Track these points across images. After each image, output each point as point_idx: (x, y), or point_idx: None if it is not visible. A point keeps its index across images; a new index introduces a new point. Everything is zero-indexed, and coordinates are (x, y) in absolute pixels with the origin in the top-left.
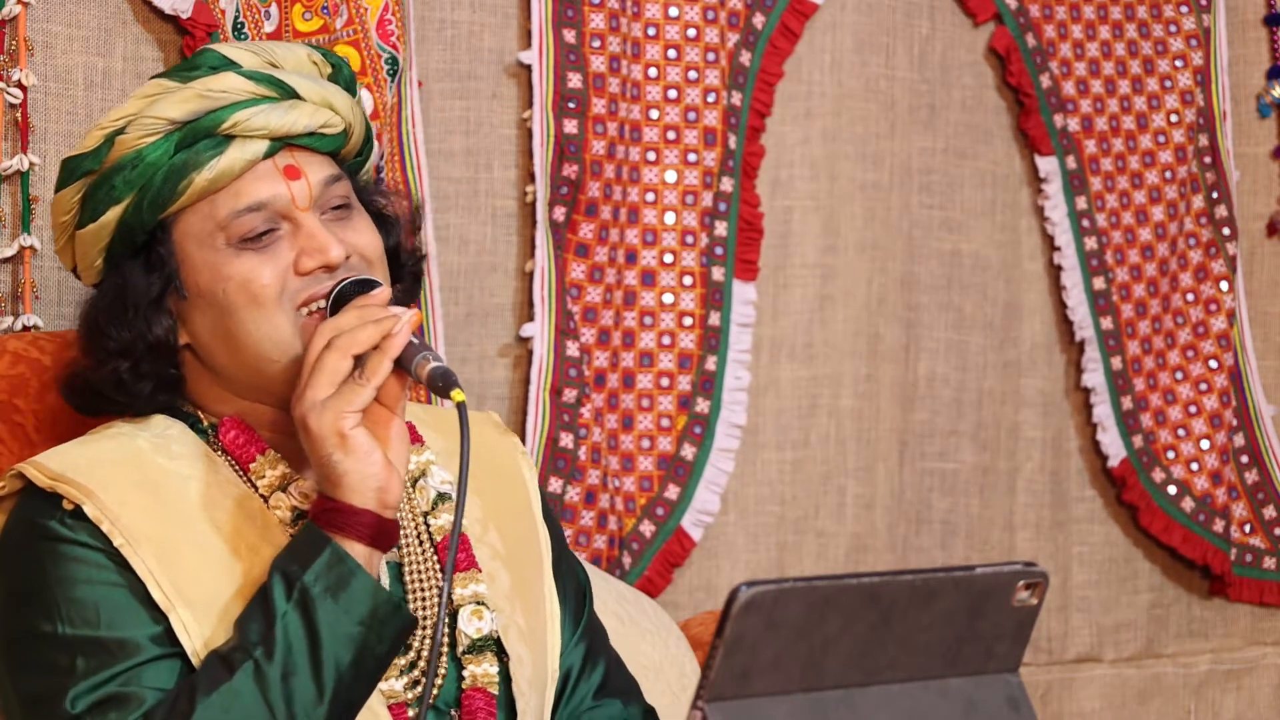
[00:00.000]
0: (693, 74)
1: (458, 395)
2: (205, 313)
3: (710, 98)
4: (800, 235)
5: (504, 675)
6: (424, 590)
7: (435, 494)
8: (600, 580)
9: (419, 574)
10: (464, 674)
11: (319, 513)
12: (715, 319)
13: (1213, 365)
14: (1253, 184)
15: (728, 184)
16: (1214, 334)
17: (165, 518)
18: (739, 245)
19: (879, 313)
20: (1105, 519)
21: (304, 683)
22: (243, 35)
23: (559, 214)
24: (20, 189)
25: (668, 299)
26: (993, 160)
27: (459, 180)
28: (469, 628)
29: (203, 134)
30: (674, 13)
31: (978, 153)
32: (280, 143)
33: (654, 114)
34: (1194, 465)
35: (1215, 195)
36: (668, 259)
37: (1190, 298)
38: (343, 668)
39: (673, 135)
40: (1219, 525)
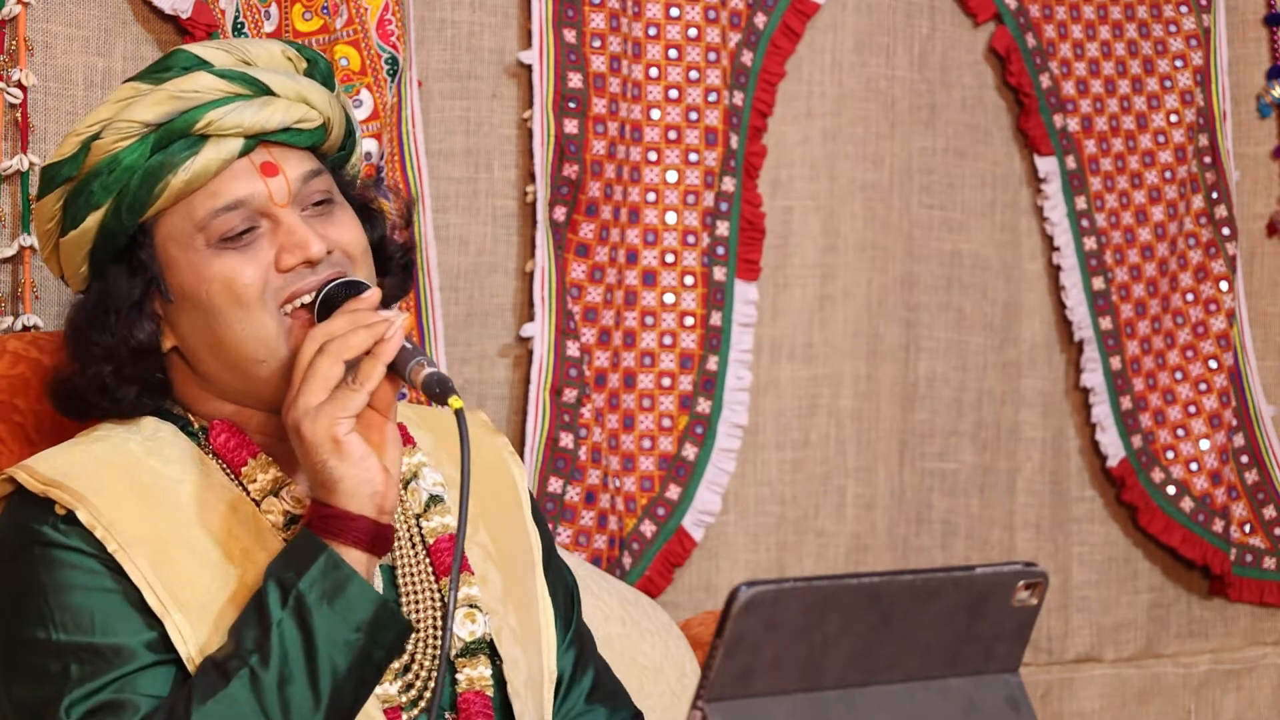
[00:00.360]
0: (694, 74)
1: (455, 402)
2: (190, 315)
3: (711, 97)
4: (800, 235)
5: (498, 678)
6: (418, 594)
7: (427, 496)
8: (600, 580)
9: (412, 577)
10: (458, 677)
11: (314, 519)
12: (716, 319)
13: (1212, 365)
14: (1253, 184)
15: (729, 184)
16: (1213, 334)
17: (158, 522)
18: (740, 245)
19: (879, 313)
20: (1105, 519)
21: (300, 690)
22: (243, 35)
23: (559, 214)
24: (20, 189)
25: (669, 299)
26: (993, 160)
27: (459, 180)
28: (461, 631)
29: (177, 135)
30: (675, 12)
31: (978, 153)
32: (255, 140)
33: (655, 114)
34: (1193, 465)
35: (1215, 195)
36: (669, 259)
37: (1190, 298)
38: (339, 675)
39: (674, 135)
40: (1218, 525)
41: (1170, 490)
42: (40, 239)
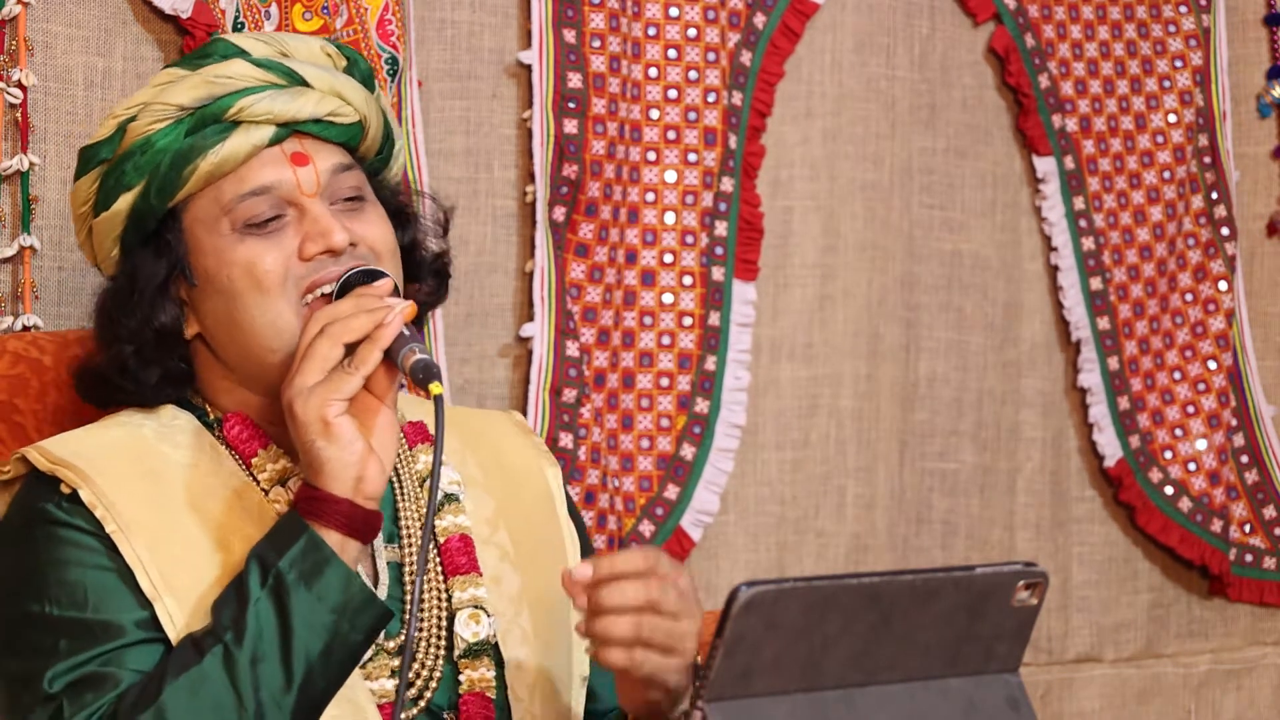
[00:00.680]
0: (693, 74)
1: (435, 388)
2: (212, 300)
3: (710, 97)
4: (800, 235)
5: (503, 680)
6: (425, 591)
7: (441, 495)
8: None
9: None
10: (460, 678)
11: (301, 500)
12: (715, 319)
13: (1211, 365)
14: (1253, 184)
15: (728, 184)
16: (1213, 334)
17: (162, 505)
18: (739, 245)
19: (879, 313)
20: (1105, 519)
21: (272, 669)
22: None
23: (559, 214)
24: (20, 189)
25: (667, 299)
26: (993, 160)
27: (459, 180)
28: (465, 632)
29: (210, 120)
30: (674, 13)
31: (978, 153)
32: (288, 129)
33: (654, 114)
34: (1191, 465)
35: (1215, 195)
36: (668, 259)
37: (1189, 298)
38: (313, 657)
39: (673, 135)
40: (1217, 525)
41: (1168, 490)
42: (76, 223)
